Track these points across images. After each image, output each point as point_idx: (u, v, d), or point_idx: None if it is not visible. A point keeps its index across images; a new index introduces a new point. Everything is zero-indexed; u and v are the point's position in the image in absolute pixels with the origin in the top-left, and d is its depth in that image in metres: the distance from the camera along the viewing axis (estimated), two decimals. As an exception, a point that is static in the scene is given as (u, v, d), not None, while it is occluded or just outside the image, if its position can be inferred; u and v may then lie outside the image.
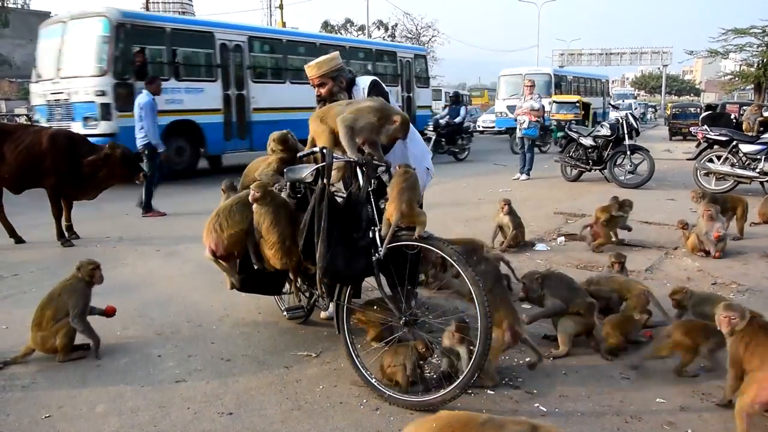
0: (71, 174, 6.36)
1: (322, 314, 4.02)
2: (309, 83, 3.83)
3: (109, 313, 3.77)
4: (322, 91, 3.73)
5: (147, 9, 38.89)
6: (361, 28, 45.21)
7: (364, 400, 2.99)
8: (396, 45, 22.78)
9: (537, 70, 24.65)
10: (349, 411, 2.90)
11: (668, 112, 29.71)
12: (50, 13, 49.41)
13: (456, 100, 15.77)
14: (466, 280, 2.83)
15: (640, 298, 3.71)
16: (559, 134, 14.35)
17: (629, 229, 6.29)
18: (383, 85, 3.93)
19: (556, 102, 20.93)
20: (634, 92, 71.53)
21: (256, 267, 3.61)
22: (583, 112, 20.44)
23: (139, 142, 8.15)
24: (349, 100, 3.30)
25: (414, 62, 18.30)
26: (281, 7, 25.95)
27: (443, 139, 15.24)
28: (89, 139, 7.12)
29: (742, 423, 2.58)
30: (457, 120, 15.23)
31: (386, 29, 47.17)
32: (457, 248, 2.98)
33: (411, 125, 3.33)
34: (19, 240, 6.53)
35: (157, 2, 40.71)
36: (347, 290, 3.14)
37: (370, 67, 16.62)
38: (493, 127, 26.00)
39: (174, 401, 3.02)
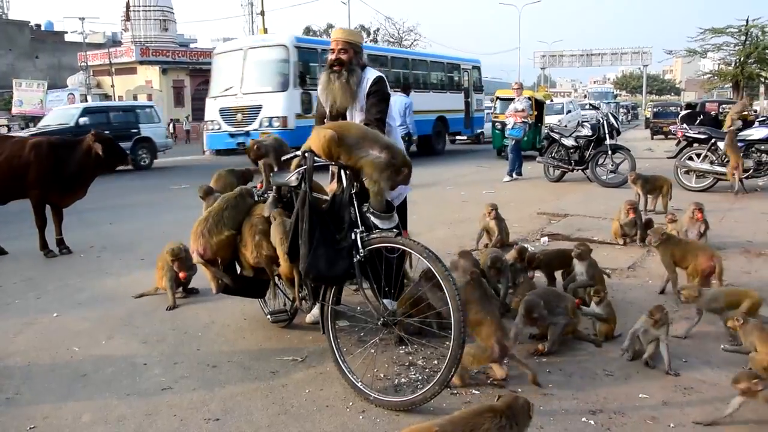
0: (58, 180, 6.22)
1: (307, 318, 4.03)
2: None
3: (182, 279, 4.66)
4: (343, 57, 3.78)
5: (127, 18, 38.53)
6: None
7: (350, 403, 3.00)
8: None
9: (263, 41, 15.58)
10: (335, 414, 2.92)
11: (647, 114, 29.38)
12: (29, 23, 48.84)
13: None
14: (437, 275, 2.85)
15: None
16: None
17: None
18: (387, 83, 3.92)
19: (500, 99, 17.40)
20: (614, 91, 71.97)
21: (239, 271, 3.70)
22: (535, 112, 15.35)
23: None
24: (363, 133, 3.13)
25: None
26: (262, 13, 25.87)
27: None
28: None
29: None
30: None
31: (368, 34, 47.36)
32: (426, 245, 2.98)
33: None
34: (1, 251, 6.46)
35: (138, 9, 40.50)
36: (332, 291, 3.16)
37: None
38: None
39: (160, 409, 3.01)
